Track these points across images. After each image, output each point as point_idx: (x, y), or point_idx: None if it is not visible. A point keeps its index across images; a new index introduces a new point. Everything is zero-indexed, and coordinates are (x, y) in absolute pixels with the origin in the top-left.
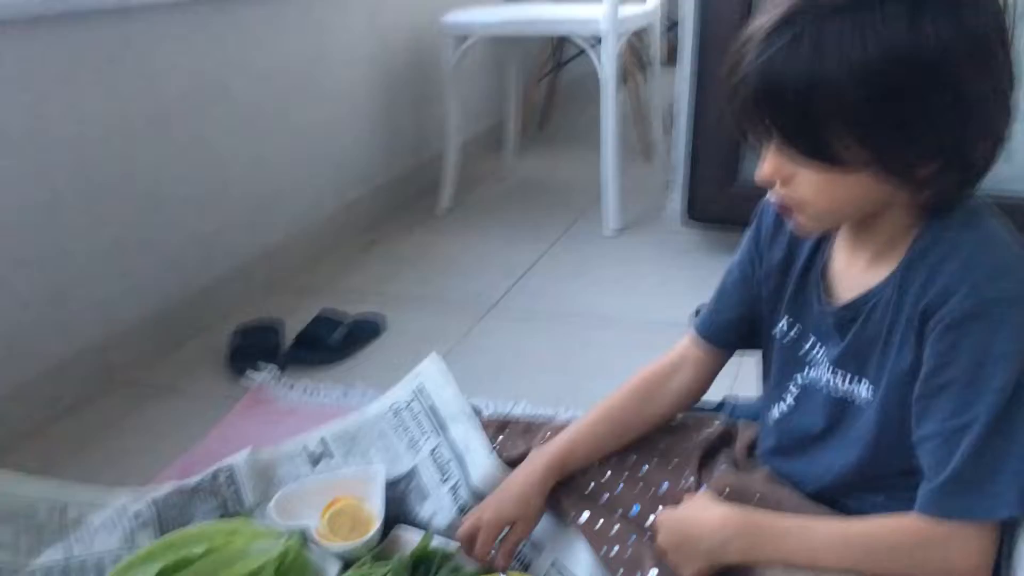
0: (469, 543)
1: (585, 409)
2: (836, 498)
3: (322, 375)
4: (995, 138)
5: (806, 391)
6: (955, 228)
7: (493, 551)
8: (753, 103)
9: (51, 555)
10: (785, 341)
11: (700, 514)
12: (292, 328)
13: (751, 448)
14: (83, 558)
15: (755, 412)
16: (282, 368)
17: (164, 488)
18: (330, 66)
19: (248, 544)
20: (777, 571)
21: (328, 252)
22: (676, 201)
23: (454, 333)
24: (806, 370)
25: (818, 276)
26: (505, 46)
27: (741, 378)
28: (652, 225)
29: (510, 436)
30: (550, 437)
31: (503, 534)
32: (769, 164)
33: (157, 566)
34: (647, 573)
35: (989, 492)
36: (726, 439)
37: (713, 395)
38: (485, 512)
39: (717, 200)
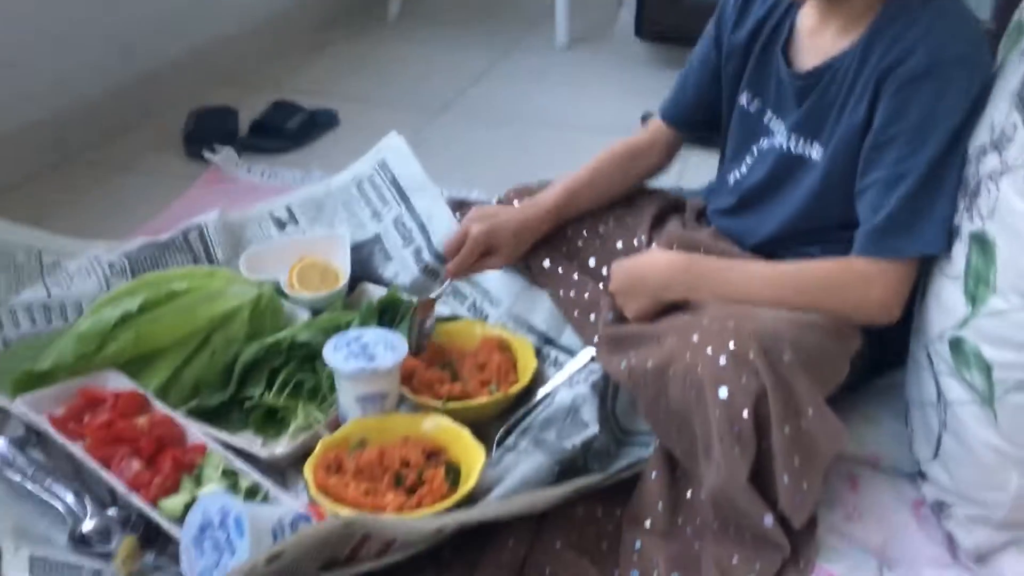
0: (455, 251)
1: None
2: (775, 251)
3: (279, 161)
4: None
5: (762, 157)
6: (919, 1)
7: None
8: None
9: (31, 294)
10: (745, 115)
11: (648, 259)
12: (247, 118)
13: (699, 216)
14: (62, 297)
15: (702, 195)
16: (239, 153)
17: (135, 242)
18: None
19: (226, 286)
20: (714, 305)
21: (280, 49)
22: (626, 16)
23: (407, 130)
24: (763, 140)
25: (780, 50)
26: None
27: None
28: (602, 40)
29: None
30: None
31: None
32: None
33: (140, 298)
34: (602, 314)
35: (917, 233)
36: (676, 207)
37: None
38: (475, 226)
39: (666, 16)
